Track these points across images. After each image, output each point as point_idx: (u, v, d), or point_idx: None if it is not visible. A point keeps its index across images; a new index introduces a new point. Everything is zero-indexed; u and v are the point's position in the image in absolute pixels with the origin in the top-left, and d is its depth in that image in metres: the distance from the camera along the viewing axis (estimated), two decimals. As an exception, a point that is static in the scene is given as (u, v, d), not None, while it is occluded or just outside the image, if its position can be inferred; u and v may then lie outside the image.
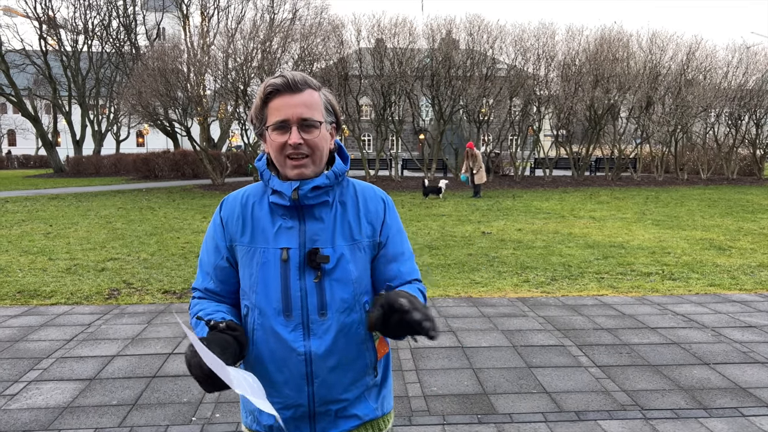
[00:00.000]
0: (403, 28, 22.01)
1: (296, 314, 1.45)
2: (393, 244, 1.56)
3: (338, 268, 1.47)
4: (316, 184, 1.46)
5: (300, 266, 1.46)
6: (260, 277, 1.47)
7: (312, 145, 1.44)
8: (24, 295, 6.18)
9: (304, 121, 1.43)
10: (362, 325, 1.50)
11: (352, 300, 1.48)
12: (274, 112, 1.44)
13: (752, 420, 3.34)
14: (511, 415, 3.43)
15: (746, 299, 5.91)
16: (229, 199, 1.58)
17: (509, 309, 5.57)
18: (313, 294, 1.45)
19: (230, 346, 1.35)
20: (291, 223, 1.48)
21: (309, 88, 1.46)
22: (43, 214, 13.55)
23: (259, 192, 1.55)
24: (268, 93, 1.45)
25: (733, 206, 14.10)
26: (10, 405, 3.56)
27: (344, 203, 1.53)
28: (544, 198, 16.64)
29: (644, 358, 4.29)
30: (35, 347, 4.56)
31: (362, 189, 1.58)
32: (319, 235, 1.47)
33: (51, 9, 33.98)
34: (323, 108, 1.48)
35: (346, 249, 1.48)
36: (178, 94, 21.11)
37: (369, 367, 1.54)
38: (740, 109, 22.39)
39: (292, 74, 1.44)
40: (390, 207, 1.60)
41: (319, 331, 1.46)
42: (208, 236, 1.59)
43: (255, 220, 1.51)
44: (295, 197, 1.44)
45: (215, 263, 1.55)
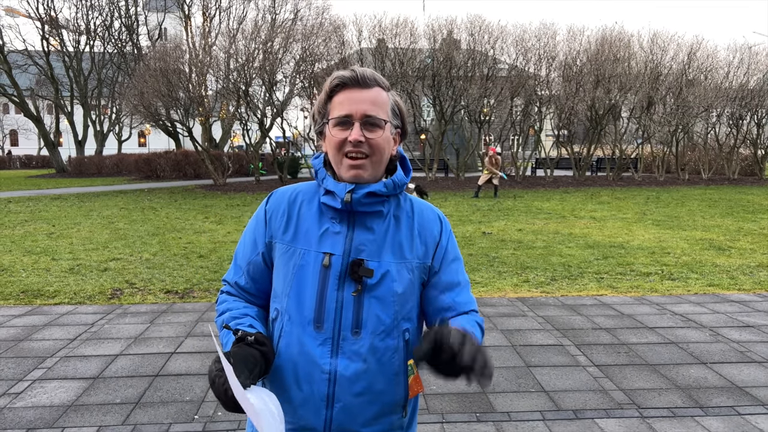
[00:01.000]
0: (404, 29, 22.06)
1: (328, 327, 1.33)
2: (449, 272, 1.44)
3: (381, 284, 1.34)
4: (372, 190, 1.35)
5: (341, 275, 1.34)
6: (296, 281, 1.36)
7: (374, 146, 1.34)
8: (28, 294, 6.24)
9: (368, 118, 1.33)
10: (398, 354, 1.36)
11: (391, 323, 1.35)
12: (337, 106, 1.35)
13: (748, 419, 3.38)
14: (509, 413, 3.47)
15: (745, 299, 5.95)
16: (277, 193, 1.48)
17: (509, 309, 5.62)
18: (349, 308, 1.33)
19: (257, 362, 1.25)
20: (339, 227, 1.37)
21: (378, 86, 1.37)
22: (45, 214, 13.62)
23: (310, 191, 1.45)
24: (334, 86, 1.36)
25: (733, 206, 14.12)
26: (15, 403, 3.61)
27: (398, 218, 1.41)
28: (545, 198, 16.68)
29: (642, 358, 4.33)
30: (39, 346, 4.61)
31: (420, 207, 1.47)
32: (366, 246, 1.36)
33: (53, 9, 34.08)
34: (390, 109, 1.38)
35: (393, 266, 1.36)
36: (180, 95, 21.18)
37: (398, 404, 1.40)
38: (741, 110, 22.40)
39: (362, 69, 1.36)
40: (447, 230, 1.48)
41: (350, 350, 1.33)
42: (248, 229, 1.50)
43: (301, 218, 1.41)
44: (348, 200, 1.33)
45: (250, 258, 1.46)
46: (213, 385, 1.20)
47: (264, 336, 1.32)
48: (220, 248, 8.88)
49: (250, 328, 1.35)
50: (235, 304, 1.45)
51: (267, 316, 1.46)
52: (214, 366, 1.21)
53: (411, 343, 1.39)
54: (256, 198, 17.29)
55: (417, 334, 1.43)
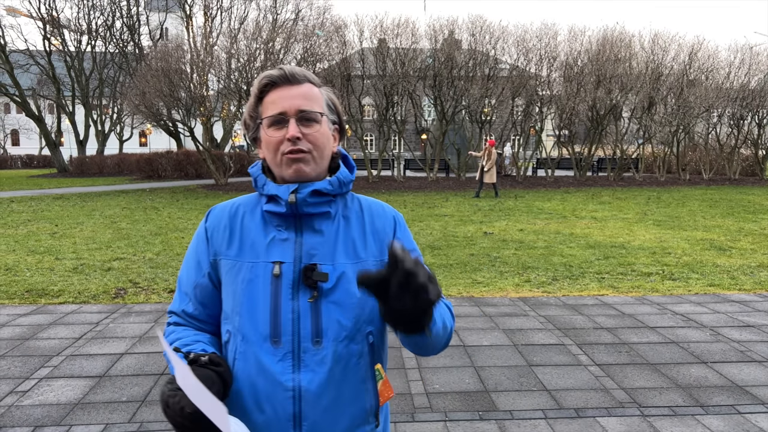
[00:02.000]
0: (405, 29, 22.09)
1: (286, 341, 1.24)
2: None
3: (338, 288, 1.27)
4: (317, 188, 1.29)
5: (294, 284, 1.26)
6: (246, 296, 1.27)
7: (312, 141, 1.28)
8: (32, 294, 6.28)
9: (303, 113, 1.28)
10: (363, 359, 1.29)
11: (353, 327, 1.28)
12: (269, 106, 1.30)
13: (748, 417, 3.42)
14: (511, 411, 3.51)
15: (745, 299, 5.98)
16: (216, 210, 1.40)
17: (510, 308, 5.65)
18: (306, 317, 1.25)
19: (214, 384, 1.16)
20: (286, 234, 1.30)
21: (308, 82, 1.32)
22: (48, 213, 13.66)
23: (251, 202, 1.38)
24: (264, 86, 1.31)
25: (734, 206, 14.15)
26: (22, 401, 3.64)
27: (348, 218, 1.35)
28: (546, 198, 16.71)
29: (643, 357, 4.37)
30: (45, 345, 4.65)
31: (369, 205, 1.40)
32: (317, 249, 1.29)
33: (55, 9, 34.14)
34: (325, 104, 1.34)
35: (349, 267, 1.29)
36: (181, 95, 21.22)
37: (369, 413, 1.32)
38: (742, 110, 22.42)
39: (291, 67, 1.31)
40: (401, 224, 1.42)
41: (312, 362, 1.25)
42: (189, 251, 1.40)
43: (244, 231, 1.33)
44: (293, 201, 1.27)
45: (195, 281, 1.36)
46: (168, 409, 1.11)
47: (219, 356, 1.24)
48: (222, 248, 8.90)
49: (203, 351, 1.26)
50: (184, 333, 1.34)
51: (220, 342, 1.36)
52: (166, 387, 1.12)
53: (376, 346, 1.32)
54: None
55: (381, 337, 1.36)
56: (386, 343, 1.40)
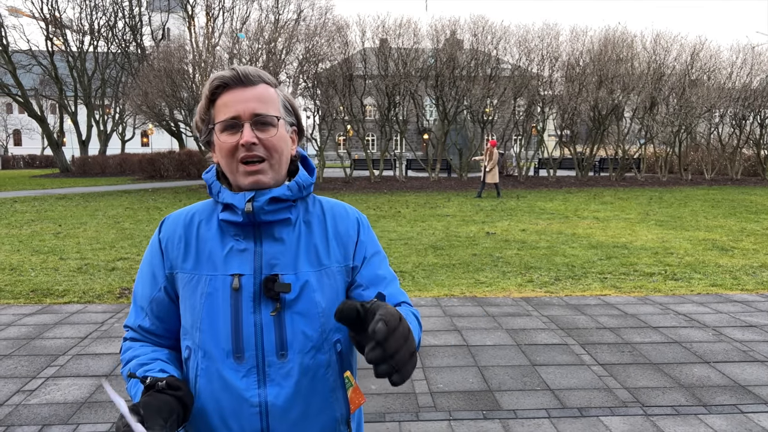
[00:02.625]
0: (407, 29, 22.12)
1: (249, 356, 1.20)
2: (371, 266, 1.32)
3: (302, 298, 1.22)
4: (275, 195, 1.22)
5: (255, 296, 1.21)
6: (206, 311, 1.22)
7: (269, 146, 1.21)
8: (37, 293, 6.31)
9: (258, 117, 1.21)
10: (331, 369, 1.25)
11: (319, 338, 1.23)
12: (222, 109, 1.22)
13: (750, 417, 3.43)
14: (515, 411, 3.53)
15: (747, 299, 6.00)
16: (169, 219, 1.33)
17: (513, 308, 5.67)
18: (270, 330, 1.20)
19: (172, 409, 1.11)
20: (245, 244, 1.23)
21: (263, 83, 1.24)
22: (51, 214, 13.71)
23: (207, 210, 1.31)
24: (215, 87, 1.23)
25: (736, 207, 14.15)
26: (29, 400, 3.67)
27: (309, 223, 1.29)
28: (548, 198, 16.72)
29: (646, 357, 4.39)
30: (51, 344, 4.68)
31: (331, 207, 1.34)
32: (278, 259, 1.23)
33: (57, 10, 34.21)
34: (281, 106, 1.27)
35: (312, 275, 1.24)
36: (184, 95, 21.29)
37: (339, 421, 1.28)
38: (744, 110, 22.42)
39: (244, 67, 1.24)
40: (365, 226, 1.36)
41: (278, 376, 1.20)
42: (143, 264, 1.34)
43: (201, 242, 1.26)
44: (249, 210, 1.20)
45: (151, 296, 1.30)
46: None
47: (177, 379, 1.18)
48: (225, 248, 8.94)
49: (161, 373, 1.20)
50: (142, 350, 1.29)
51: (179, 357, 1.31)
52: (120, 422, 1.05)
53: (344, 354, 1.28)
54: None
55: (348, 344, 1.30)
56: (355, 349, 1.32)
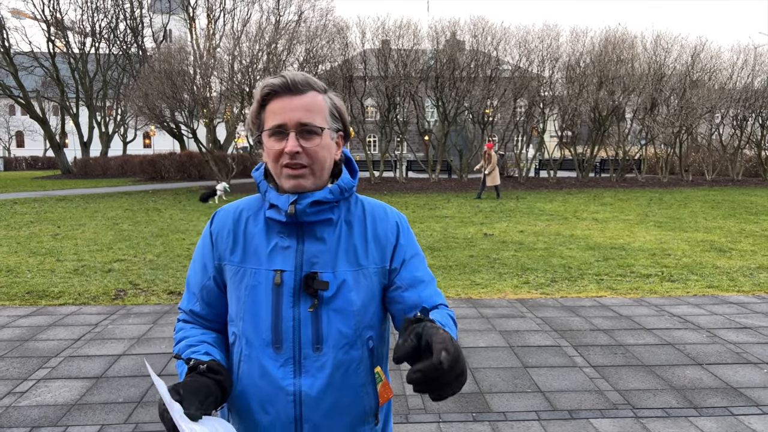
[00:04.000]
0: (407, 30, 22.13)
1: (287, 347, 1.28)
2: (410, 268, 1.38)
3: (339, 296, 1.30)
4: (317, 198, 1.29)
5: (294, 292, 1.29)
6: (249, 302, 1.31)
7: (311, 154, 1.28)
8: (33, 295, 6.32)
9: (304, 127, 1.27)
10: (363, 364, 1.33)
11: (353, 335, 1.31)
12: (271, 115, 1.29)
13: (741, 419, 3.42)
14: (505, 413, 3.52)
15: (743, 301, 5.98)
16: (220, 213, 1.42)
17: (508, 310, 5.66)
18: (307, 325, 1.28)
19: (210, 392, 1.19)
20: (288, 242, 1.31)
21: (312, 90, 1.30)
22: (51, 215, 13.73)
23: (255, 206, 1.39)
24: (266, 95, 1.30)
25: (736, 208, 14.11)
26: (20, 402, 3.68)
27: (350, 223, 1.36)
28: (547, 199, 16.70)
29: (638, 359, 4.37)
30: (44, 346, 4.68)
31: (372, 208, 1.41)
32: (318, 258, 1.30)
33: (59, 11, 34.30)
34: (328, 113, 1.32)
35: (350, 275, 1.31)
36: (185, 96, 21.30)
37: (368, 414, 1.35)
38: (745, 111, 22.37)
39: (293, 74, 1.29)
40: (404, 228, 1.42)
41: (313, 368, 1.28)
42: (196, 253, 1.44)
43: (248, 237, 1.35)
44: (292, 212, 1.28)
45: (202, 283, 1.40)
46: (163, 420, 1.14)
47: (218, 363, 1.27)
48: (223, 249, 8.94)
49: (205, 356, 1.29)
50: (191, 332, 1.39)
51: (226, 340, 1.41)
52: (161, 402, 1.14)
53: (375, 350, 1.36)
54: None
55: (380, 341, 1.38)
56: (387, 345, 1.43)
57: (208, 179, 24.90)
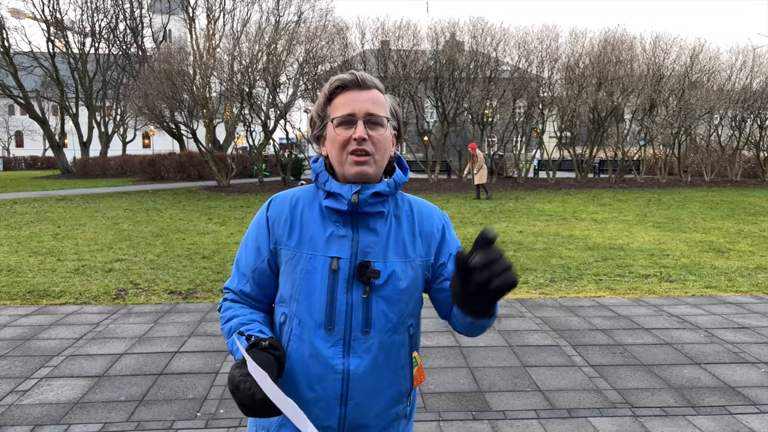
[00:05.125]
0: (407, 31, 22.17)
1: (339, 329, 1.37)
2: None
3: (388, 284, 1.39)
4: (378, 190, 1.39)
5: (349, 278, 1.38)
6: (304, 286, 1.39)
7: (376, 143, 1.38)
8: (34, 294, 6.34)
9: (371, 117, 1.37)
10: (404, 348, 1.44)
11: (397, 320, 1.41)
12: (339, 107, 1.38)
13: (738, 418, 3.45)
14: (504, 412, 3.55)
15: (741, 301, 6.01)
16: (277, 199, 1.49)
17: (507, 310, 5.69)
18: (359, 309, 1.38)
19: (271, 367, 1.26)
20: (344, 231, 1.40)
21: (376, 88, 1.42)
22: (51, 215, 13.75)
23: (309, 195, 1.47)
24: (335, 88, 1.40)
25: (735, 208, 14.15)
26: (22, 400, 3.70)
27: (399, 218, 1.46)
28: (546, 200, 16.73)
29: (637, 358, 4.40)
30: (46, 345, 4.70)
31: (419, 205, 1.51)
32: (371, 248, 1.40)
33: (58, 12, 34.31)
34: (389, 111, 1.44)
35: (398, 266, 1.41)
36: (184, 96, 21.33)
37: (403, 395, 1.46)
38: (744, 112, 22.42)
39: (362, 72, 1.41)
40: (449, 226, 1.53)
41: (360, 349, 1.38)
42: (249, 236, 1.50)
43: (304, 223, 1.43)
44: (355, 201, 1.37)
45: (255, 266, 1.47)
46: (237, 391, 1.20)
47: (276, 341, 1.34)
48: (223, 249, 8.97)
49: (260, 334, 1.36)
50: (241, 311, 1.46)
51: (271, 320, 1.49)
52: (237, 372, 1.22)
53: (415, 336, 1.48)
54: (259, 199, 17.39)
55: (419, 328, 1.51)
56: (420, 332, 1.55)
57: (207, 179, 24.92)
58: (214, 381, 3.97)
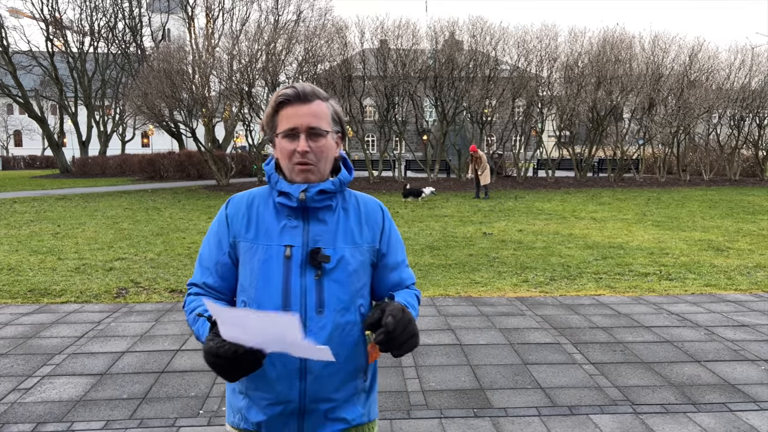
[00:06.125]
0: (406, 30, 22.17)
1: (295, 310, 1.50)
2: (393, 253, 1.68)
3: (338, 268, 1.53)
4: (323, 188, 1.54)
5: (302, 264, 1.52)
6: (262, 273, 1.52)
7: (318, 153, 1.53)
8: (35, 293, 6.35)
9: (312, 130, 1.51)
10: (356, 327, 1.56)
11: (349, 301, 1.54)
12: (284, 120, 1.52)
13: (738, 415, 3.47)
14: (506, 409, 3.56)
15: (741, 299, 6.03)
16: (235, 199, 1.65)
17: (507, 308, 5.70)
18: (312, 291, 1.51)
19: None
20: (296, 222, 1.55)
21: (318, 99, 1.54)
22: (51, 214, 13.74)
23: (264, 194, 1.62)
24: (280, 102, 1.53)
25: (734, 207, 14.18)
26: (25, 398, 3.71)
27: (347, 210, 1.62)
28: (546, 199, 16.75)
29: (637, 356, 4.42)
30: (47, 344, 4.71)
31: (363, 199, 1.68)
32: (321, 236, 1.54)
33: (57, 11, 34.25)
34: (330, 118, 1.56)
35: (347, 251, 1.56)
36: (183, 96, 21.31)
37: (359, 370, 1.60)
38: (743, 111, 22.45)
39: (303, 86, 1.53)
40: (388, 216, 1.70)
41: (316, 327, 1.50)
42: (211, 233, 1.65)
43: (260, 218, 1.58)
44: (303, 198, 1.52)
45: (217, 259, 1.61)
46: (218, 358, 1.33)
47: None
48: (223, 248, 8.97)
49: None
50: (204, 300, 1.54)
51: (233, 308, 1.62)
52: (211, 343, 1.35)
53: (365, 316, 1.59)
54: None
55: (368, 309, 1.63)
56: None
57: (207, 178, 24.91)
58: (216, 379, 3.97)
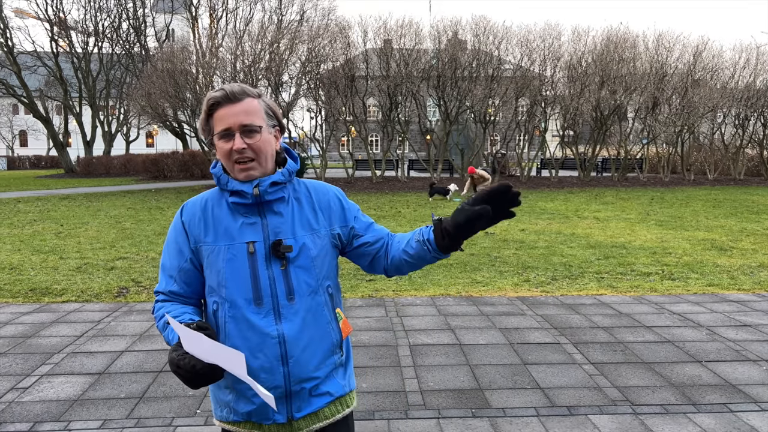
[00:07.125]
0: (409, 30, 22.14)
1: (267, 301, 1.56)
2: (360, 220, 1.74)
3: (301, 255, 1.60)
4: (274, 179, 1.59)
5: (266, 257, 1.57)
6: (229, 272, 1.57)
7: (255, 149, 1.56)
8: (36, 292, 6.36)
9: (245, 127, 1.55)
10: (326, 306, 1.64)
11: (316, 284, 1.62)
12: (218, 122, 1.56)
13: (739, 415, 3.44)
14: (504, 409, 3.54)
15: (743, 299, 5.99)
16: (188, 204, 1.68)
17: (508, 308, 5.68)
18: (280, 281, 1.57)
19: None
20: (253, 219, 1.59)
21: (248, 97, 1.58)
22: (54, 214, 13.78)
23: (216, 196, 1.66)
24: (211, 105, 1.57)
25: (738, 207, 14.11)
26: (23, 397, 3.71)
27: (299, 199, 1.66)
28: (549, 198, 16.70)
29: (638, 356, 4.39)
30: (47, 343, 4.71)
31: (314, 186, 1.73)
32: (280, 228, 1.60)
33: (62, 11, 34.38)
34: (263, 114, 1.60)
35: (307, 238, 1.62)
36: (187, 95, 21.35)
37: (335, 346, 1.67)
38: (747, 110, 22.34)
39: (231, 86, 1.57)
40: (342, 195, 1.75)
41: (289, 314, 1.58)
42: (169, 241, 1.68)
43: (216, 220, 1.61)
44: (257, 193, 1.57)
45: (179, 266, 1.64)
46: (179, 369, 1.39)
47: (204, 322, 1.51)
48: (225, 248, 8.97)
49: (190, 320, 1.54)
50: (172, 307, 1.62)
51: (201, 312, 1.68)
52: (174, 354, 1.41)
53: (333, 295, 1.69)
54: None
55: (337, 288, 1.72)
56: (340, 292, 1.77)
57: (210, 178, 24.93)
58: (214, 378, 3.96)
